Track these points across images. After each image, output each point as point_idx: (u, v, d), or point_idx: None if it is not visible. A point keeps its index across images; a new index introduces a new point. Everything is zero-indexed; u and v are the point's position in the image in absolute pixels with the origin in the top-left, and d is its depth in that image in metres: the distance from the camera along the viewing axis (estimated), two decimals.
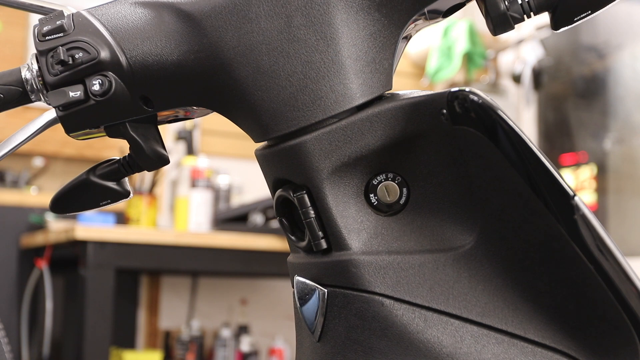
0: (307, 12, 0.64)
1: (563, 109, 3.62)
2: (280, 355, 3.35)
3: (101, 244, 2.51)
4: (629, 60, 3.32)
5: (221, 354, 3.27)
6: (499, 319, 0.62)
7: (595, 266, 0.59)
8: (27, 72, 0.71)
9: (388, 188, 0.65)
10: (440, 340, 0.62)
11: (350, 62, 0.64)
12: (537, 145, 0.62)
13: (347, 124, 0.64)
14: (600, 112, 3.40)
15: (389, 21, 0.65)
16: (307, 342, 0.69)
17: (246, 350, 3.30)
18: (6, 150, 0.74)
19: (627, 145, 3.30)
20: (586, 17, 0.64)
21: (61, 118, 0.70)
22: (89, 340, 2.42)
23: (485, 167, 0.62)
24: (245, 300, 3.50)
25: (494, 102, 0.61)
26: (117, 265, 2.53)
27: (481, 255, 0.62)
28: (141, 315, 3.38)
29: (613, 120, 3.36)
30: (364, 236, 0.65)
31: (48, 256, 2.84)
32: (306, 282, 0.67)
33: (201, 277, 3.48)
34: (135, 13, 0.68)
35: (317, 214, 0.65)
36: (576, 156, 3.42)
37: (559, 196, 0.59)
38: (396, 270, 0.63)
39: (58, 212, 0.78)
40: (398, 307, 0.63)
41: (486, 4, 0.65)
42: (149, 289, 3.40)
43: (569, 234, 0.59)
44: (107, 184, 0.76)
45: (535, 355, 0.62)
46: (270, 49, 0.64)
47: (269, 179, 0.69)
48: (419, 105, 0.63)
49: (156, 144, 0.73)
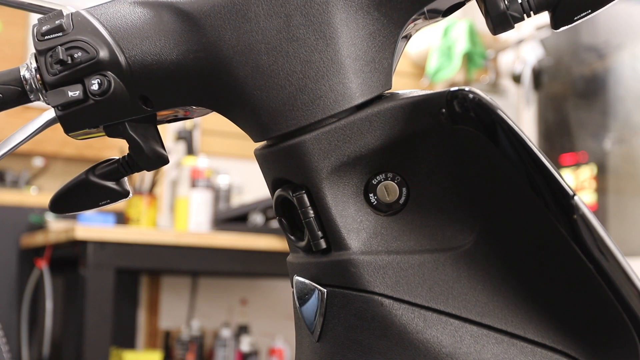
0: (306, 12, 0.64)
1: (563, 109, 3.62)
2: (280, 355, 3.35)
3: (101, 244, 2.51)
4: (629, 60, 3.32)
5: (221, 354, 3.27)
6: (499, 319, 0.62)
7: (595, 266, 0.59)
8: (26, 71, 0.71)
9: (387, 188, 0.65)
10: (440, 340, 0.62)
11: (349, 62, 0.64)
12: (537, 145, 0.62)
13: (347, 123, 0.64)
14: (600, 112, 3.40)
15: (388, 20, 0.65)
16: (306, 342, 0.69)
17: (246, 350, 3.30)
18: (6, 150, 0.74)
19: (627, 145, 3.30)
20: (586, 17, 0.64)
21: (60, 118, 0.70)
22: (89, 340, 2.42)
23: (484, 166, 0.62)
24: (245, 300, 3.50)
25: (493, 102, 0.61)
26: (117, 265, 2.53)
27: (481, 255, 0.62)
28: (141, 315, 3.38)
29: (613, 120, 3.36)
30: (363, 236, 0.65)
31: (48, 256, 2.84)
32: (305, 282, 0.67)
33: (201, 277, 3.48)
34: (134, 12, 0.68)
35: (317, 213, 0.65)
36: (576, 156, 3.42)
37: (558, 196, 0.59)
38: (396, 270, 0.63)
39: (57, 212, 0.78)
40: (397, 307, 0.63)
41: (486, 4, 0.65)
42: (149, 289, 3.40)
43: (568, 233, 0.59)
44: (107, 184, 0.76)
45: (535, 355, 0.62)
46: (269, 49, 0.64)
47: (268, 179, 0.69)
48: (418, 105, 0.63)
49: (155, 144, 0.73)
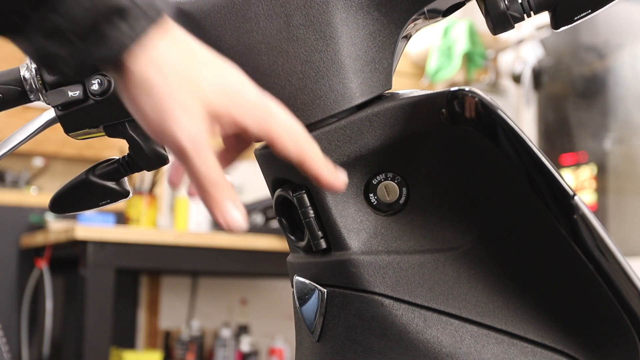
0: (306, 12, 0.64)
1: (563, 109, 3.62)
2: (280, 355, 3.35)
3: (101, 244, 2.51)
4: (629, 60, 3.32)
5: (221, 354, 3.27)
6: (499, 319, 0.62)
7: (595, 266, 0.59)
8: (26, 71, 0.71)
9: (388, 188, 0.65)
10: (440, 340, 0.62)
11: (349, 62, 0.64)
12: (537, 145, 0.62)
13: (347, 123, 0.64)
14: (600, 112, 3.40)
15: (388, 20, 0.65)
16: (306, 342, 0.69)
17: (246, 350, 3.30)
18: (6, 150, 0.74)
19: (627, 145, 3.30)
20: (586, 16, 0.64)
21: (60, 118, 0.70)
22: (89, 340, 2.42)
23: (484, 166, 0.62)
24: (245, 300, 3.50)
25: (493, 102, 0.61)
26: (117, 265, 2.53)
27: (481, 255, 0.62)
28: (141, 315, 3.38)
29: (613, 120, 3.36)
30: (363, 236, 0.65)
31: (48, 256, 2.84)
32: (305, 282, 0.67)
33: (201, 277, 3.48)
34: None
35: (317, 213, 0.65)
36: (576, 156, 3.42)
37: (558, 196, 0.59)
38: (396, 270, 0.63)
39: (57, 211, 0.78)
40: (397, 307, 0.63)
41: (486, 3, 0.65)
42: (149, 289, 3.40)
43: (568, 233, 0.59)
44: (107, 184, 0.76)
45: (535, 355, 0.62)
46: (269, 49, 0.64)
47: (268, 179, 0.69)
48: (418, 105, 0.63)
49: (155, 144, 0.73)
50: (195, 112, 0.53)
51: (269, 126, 0.55)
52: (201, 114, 0.53)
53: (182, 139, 0.53)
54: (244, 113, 0.55)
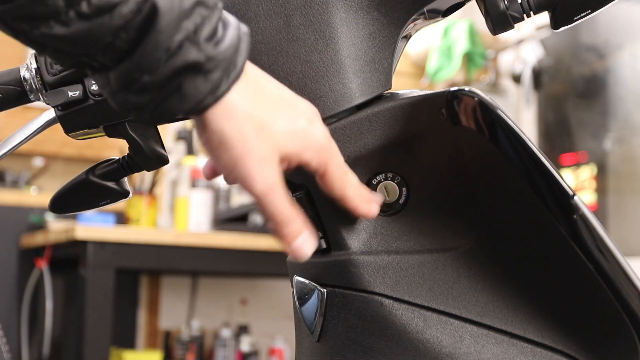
0: (306, 12, 0.64)
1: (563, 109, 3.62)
2: (280, 355, 3.35)
3: (101, 244, 2.51)
4: (629, 60, 3.32)
5: (221, 354, 3.27)
6: (499, 319, 0.62)
7: (595, 266, 0.59)
8: (26, 71, 0.71)
9: (387, 188, 0.65)
10: (440, 340, 0.62)
11: (349, 62, 0.64)
12: (537, 145, 0.62)
13: (347, 123, 0.64)
14: (600, 112, 3.40)
15: (388, 20, 0.65)
16: (306, 342, 0.69)
17: (246, 350, 3.30)
18: (6, 150, 0.74)
19: (627, 145, 3.30)
20: (586, 16, 0.64)
21: (60, 118, 0.70)
22: (89, 340, 2.42)
23: (484, 166, 0.61)
24: (245, 300, 3.50)
25: (493, 102, 0.61)
26: (117, 265, 2.53)
27: (481, 255, 0.62)
28: (141, 315, 3.38)
29: (613, 120, 3.36)
30: (363, 236, 0.65)
31: (48, 256, 2.84)
32: (305, 282, 0.67)
33: (201, 277, 3.48)
34: None
35: (317, 213, 0.65)
36: (576, 156, 3.42)
37: (558, 196, 0.59)
38: (395, 270, 0.63)
39: (57, 212, 0.78)
40: (397, 307, 0.63)
41: (486, 4, 0.65)
42: (149, 289, 3.40)
43: (568, 233, 0.59)
44: (107, 184, 0.76)
45: (534, 355, 0.62)
46: (269, 49, 0.64)
47: None
48: (418, 105, 0.63)
49: (155, 144, 0.73)
50: (269, 159, 0.56)
51: (327, 165, 0.60)
52: (275, 160, 0.56)
53: (257, 186, 0.55)
54: (312, 155, 0.58)
